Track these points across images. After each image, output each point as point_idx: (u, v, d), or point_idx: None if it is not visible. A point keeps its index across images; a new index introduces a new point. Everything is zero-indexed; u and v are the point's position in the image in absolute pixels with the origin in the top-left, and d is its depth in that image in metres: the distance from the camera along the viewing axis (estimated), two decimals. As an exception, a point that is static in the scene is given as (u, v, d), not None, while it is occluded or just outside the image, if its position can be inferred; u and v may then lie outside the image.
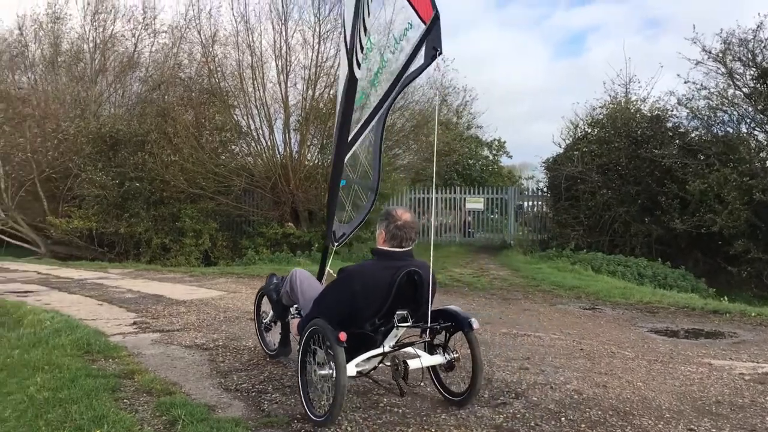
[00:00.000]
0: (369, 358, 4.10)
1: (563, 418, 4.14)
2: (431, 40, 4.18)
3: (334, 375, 3.73)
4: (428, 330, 4.13)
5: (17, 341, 6.15)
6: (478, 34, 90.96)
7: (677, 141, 17.35)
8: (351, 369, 3.95)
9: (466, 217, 23.13)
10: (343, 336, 3.73)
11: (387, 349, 4.08)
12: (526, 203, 23.00)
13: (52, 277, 12.53)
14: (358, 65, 4.34)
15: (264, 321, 5.61)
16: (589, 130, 19.42)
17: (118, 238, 18.85)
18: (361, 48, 4.38)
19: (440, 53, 4.23)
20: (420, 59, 4.29)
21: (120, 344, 6.07)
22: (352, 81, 4.29)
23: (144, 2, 25.95)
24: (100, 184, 18.48)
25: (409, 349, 4.22)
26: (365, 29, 4.33)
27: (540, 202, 22.08)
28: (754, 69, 15.69)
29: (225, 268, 15.31)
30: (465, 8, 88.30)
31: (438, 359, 4.23)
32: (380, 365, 4.20)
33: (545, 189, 21.52)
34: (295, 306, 4.89)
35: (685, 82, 16.70)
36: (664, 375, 5.31)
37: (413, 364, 4.04)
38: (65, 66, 25.59)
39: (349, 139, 4.68)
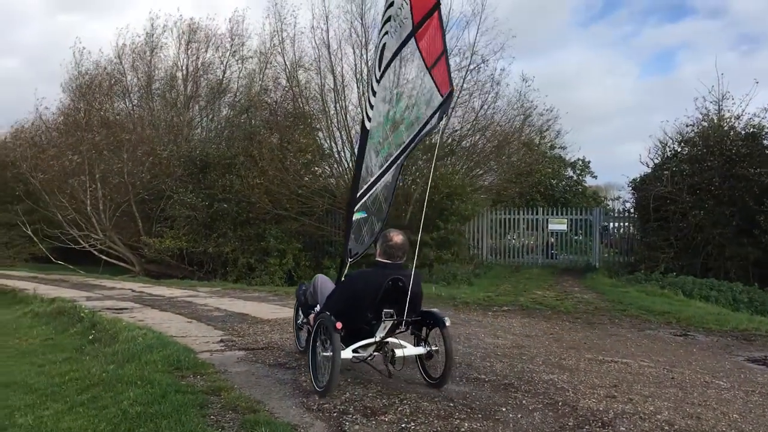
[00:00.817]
0: (365, 346, 5.20)
1: (653, 451, 3.97)
2: (445, 107, 5.20)
3: (333, 356, 4.81)
4: (404, 322, 5.21)
5: (112, 356, 6.47)
6: (564, 54, 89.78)
7: (775, 159, 16.46)
8: (348, 353, 5.10)
9: (549, 239, 22.66)
10: (339, 325, 4.85)
11: (378, 338, 5.17)
12: (611, 224, 22.34)
13: (145, 294, 13.09)
14: (369, 119, 5.82)
15: (298, 322, 6.60)
16: (679, 149, 18.71)
17: (207, 257, 19.54)
18: (371, 106, 5.85)
19: (447, 116, 5.75)
20: (434, 122, 5.28)
21: (208, 361, 6.26)
22: (363, 130, 5.89)
23: (231, 30, 27.02)
24: (190, 205, 19.24)
25: (395, 340, 5.23)
26: (374, 92, 5.85)
27: (627, 224, 21.40)
28: None
29: (308, 287, 15.57)
30: (549, 28, 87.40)
31: (420, 350, 5.33)
32: (375, 354, 5.29)
33: (632, 210, 20.84)
34: (318, 306, 5.82)
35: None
36: (762, 407, 5.01)
37: (399, 352, 5.21)
38: (160, 93, 26.95)
39: (371, 181, 5.84)
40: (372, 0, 18.53)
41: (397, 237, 5.27)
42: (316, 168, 20.69)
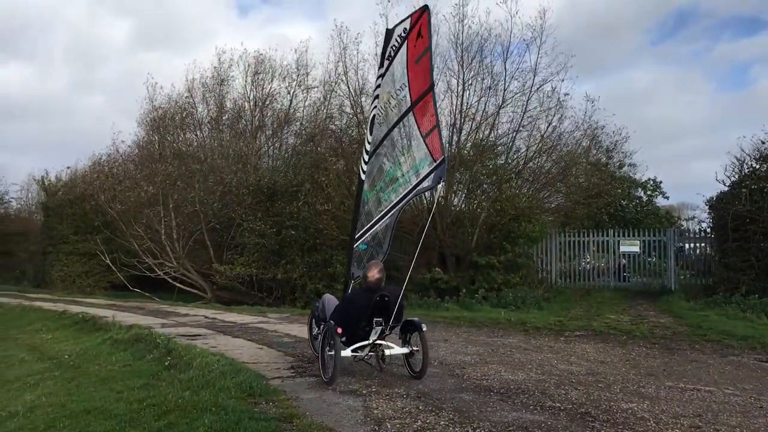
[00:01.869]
0: (362, 347, 6.76)
1: (744, 486, 3.76)
2: (439, 172, 6.90)
3: (335, 354, 6.38)
4: (389, 328, 6.77)
5: (188, 383, 6.61)
6: (634, 72, 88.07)
7: None
8: (347, 352, 6.65)
9: (621, 261, 22.02)
10: (339, 330, 6.48)
11: (371, 341, 6.74)
12: (687, 245, 21.54)
13: (217, 321, 13.37)
14: (364, 172, 7.67)
15: (313, 333, 7.93)
16: (758, 166, 17.93)
17: (276, 283, 19.82)
18: (365, 162, 7.66)
19: (445, 181, 7.31)
20: (429, 181, 7.00)
21: (279, 388, 6.33)
22: (360, 183, 7.80)
23: (297, 61, 27.61)
24: (259, 232, 19.62)
25: (384, 342, 6.81)
26: (367, 153, 7.64)
27: (703, 244, 20.61)
28: None
29: (375, 313, 15.51)
30: (619, 47, 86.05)
31: (404, 350, 6.88)
32: (371, 353, 6.87)
33: (709, 230, 20.05)
34: (328, 319, 7.11)
35: None
36: None
37: (387, 351, 6.86)
38: (228, 123, 27.70)
39: (373, 221, 7.57)
40: (434, 27, 18.59)
41: (373, 276, 6.79)
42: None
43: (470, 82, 18.25)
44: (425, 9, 7.13)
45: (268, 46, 66.18)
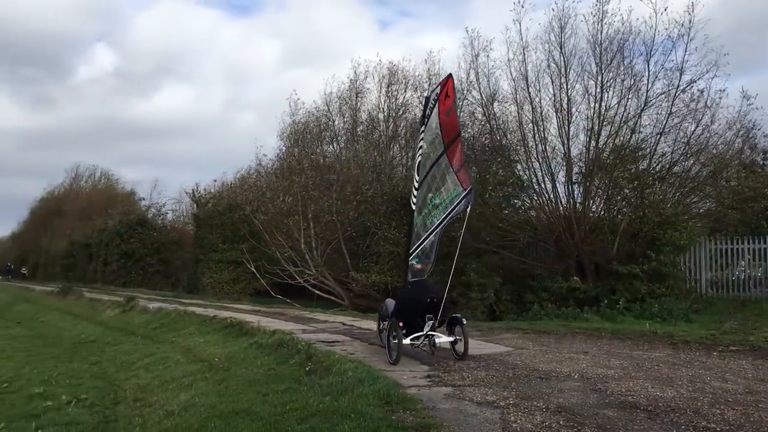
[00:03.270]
0: (417, 336, 8.65)
1: None
2: (468, 198, 9.23)
3: (397, 342, 8.40)
4: (438, 322, 8.75)
5: (327, 388, 6.82)
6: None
7: None
8: (407, 341, 8.54)
9: (782, 270, 20.16)
10: (400, 324, 8.52)
11: (425, 332, 8.64)
12: None
13: (354, 328, 13.69)
14: (414, 204, 9.60)
15: (379, 328, 10.07)
16: None
17: (410, 291, 19.99)
18: (414, 194, 9.59)
19: (471, 204, 9.49)
20: (462, 206, 9.22)
21: (415, 397, 6.36)
22: (410, 211, 9.85)
23: (428, 71, 27.84)
24: (393, 240, 19.90)
25: (435, 333, 8.75)
26: (415, 187, 9.55)
27: None
28: None
29: (511, 322, 15.21)
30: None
31: (450, 338, 8.85)
32: (426, 342, 8.75)
33: None
34: (390, 316, 9.00)
35: None
36: None
37: (438, 340, 8.81)
38: (363, 134, 28.44)
39: (422, 239, 9.54)
40: (572, 29, 18.00)
41: (416, 266, 9.27)
42: (515, 200, 20.43)
43: (609, 84, 17.54)
44: (449, 76, 9.65)
45: (402, 57, 67.43)
